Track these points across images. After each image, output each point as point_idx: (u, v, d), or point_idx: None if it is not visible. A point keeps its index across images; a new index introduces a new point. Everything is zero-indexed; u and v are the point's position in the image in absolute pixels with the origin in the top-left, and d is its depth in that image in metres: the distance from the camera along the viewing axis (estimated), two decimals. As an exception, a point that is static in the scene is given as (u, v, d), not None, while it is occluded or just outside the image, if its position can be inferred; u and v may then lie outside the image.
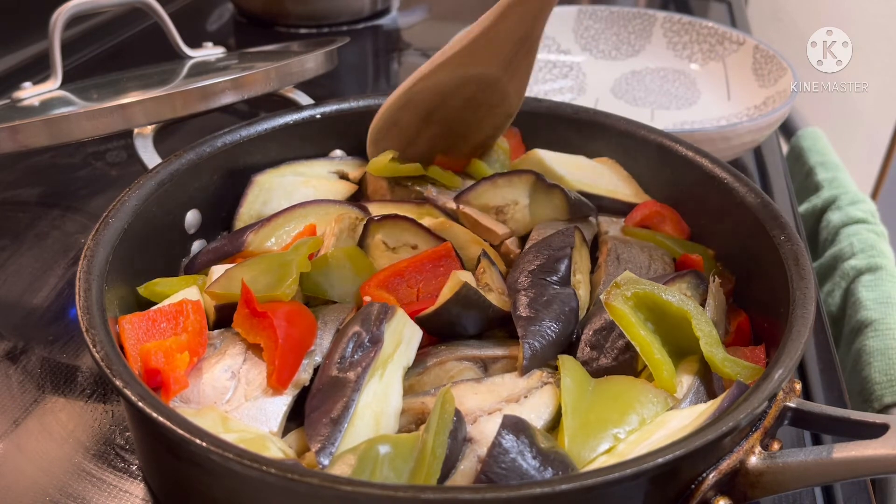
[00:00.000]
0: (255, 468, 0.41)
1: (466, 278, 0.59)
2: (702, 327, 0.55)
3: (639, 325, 0.56)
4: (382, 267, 0.65)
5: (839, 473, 0.47)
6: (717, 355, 0.55)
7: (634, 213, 0.74)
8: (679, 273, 0.64)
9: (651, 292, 0.57)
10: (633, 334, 0.56)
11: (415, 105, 0.75)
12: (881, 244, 1.04)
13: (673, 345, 0.57)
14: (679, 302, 0.56)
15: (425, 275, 0.64)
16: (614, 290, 0.57)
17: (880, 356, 0.89)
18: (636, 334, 0.56)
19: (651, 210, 0.74)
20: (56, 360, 0.69)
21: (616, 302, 0.57)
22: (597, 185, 0.76)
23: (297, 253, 0.62)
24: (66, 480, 0.58)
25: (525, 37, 0.70)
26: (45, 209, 0.91)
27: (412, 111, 0.75)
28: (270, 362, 0.54)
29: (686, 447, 0.44)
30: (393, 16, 1.54)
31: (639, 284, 0.57)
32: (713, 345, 0.55)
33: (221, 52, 1.01)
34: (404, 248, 0.68)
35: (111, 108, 0.76)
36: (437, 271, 0.64)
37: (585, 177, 0.77)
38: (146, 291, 0.62)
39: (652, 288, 0.57)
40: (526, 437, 0.47)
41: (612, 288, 0.58)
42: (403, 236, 0.68)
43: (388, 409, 0.53)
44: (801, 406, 0.51)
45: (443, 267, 0.64)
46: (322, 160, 0.81)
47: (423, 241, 0.68)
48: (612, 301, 0.57)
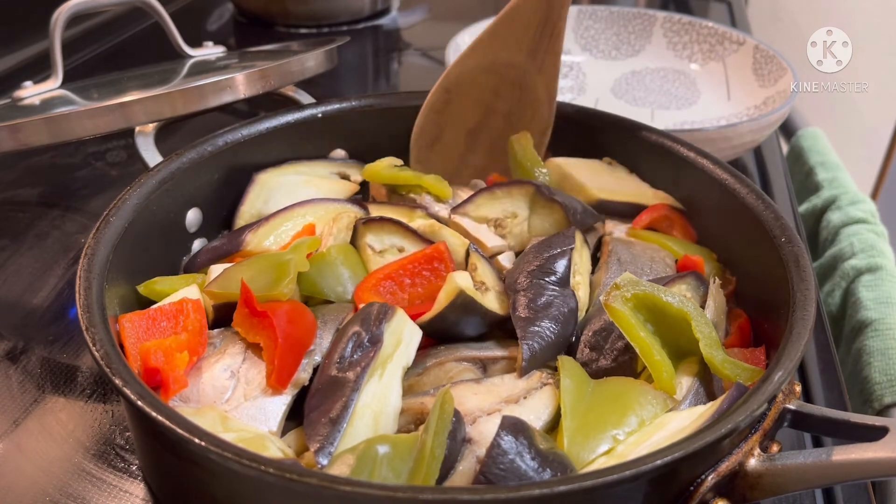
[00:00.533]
0: (253, 468, 0.41)
1: (464, 281, 0.58)
2: (702, 329, 0.55)
3: (638, 327, 0.56)
4: (372, 270, 0.65)
5: (838, 476, 0.47)
6: (717, 357, 0.55)
7: (643, 216, 0.74)
8: (679, 274, 0.64)
9: (651, 294, 0.57)
10: (632, 336, 0.56)
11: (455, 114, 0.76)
12: (881, 244, 1.04)
13: (673, 346, 0.57)
14: (679, 303, 0.56)
15: (420, 277, 0.64)
16: (614, 291, 0.57)
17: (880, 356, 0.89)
18: (636, 336, 0.56)
19: (660, 213, 0.74)
20: (56, 360, 0.69)
21: (616, 303, 0.57)
22: (618, 192, 0.75)
23: (295, 252, 0.62)
24: (66, 480, 0.58)
25: (546, 18, 0.72)
26: (45, 209, 0.91)
27: (453, 123, 0.76)
28: (270, 362, 0.54)
29: (685, 449, 0.44)
30: (393, 16, 1.54)
31: (639, 286, 0.57)
32: (713, 346, 0.55)
33: (222, 51, 1.01)
34: (391, 251, 0.67)
35: (111, 107, 0.76)
36: (432, 273, 0.64)
37: (606, 184, 0.76)
38: (146, 290, 0.62)
39: (652, 289, 0.57)
40: (525, 438, 0.47)
41: (611, 289, 0.58)
42: (390, 238, 0.68)
43: (387, 410, 0.53)
44: (801, 408, 0.51)
45: (437, 268, 0.64)
46: (324, 161, 0.81)
47: (410, 243, 0.67)
48: (612, 302, 0.57)
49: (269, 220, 0.69)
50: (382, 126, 0.81)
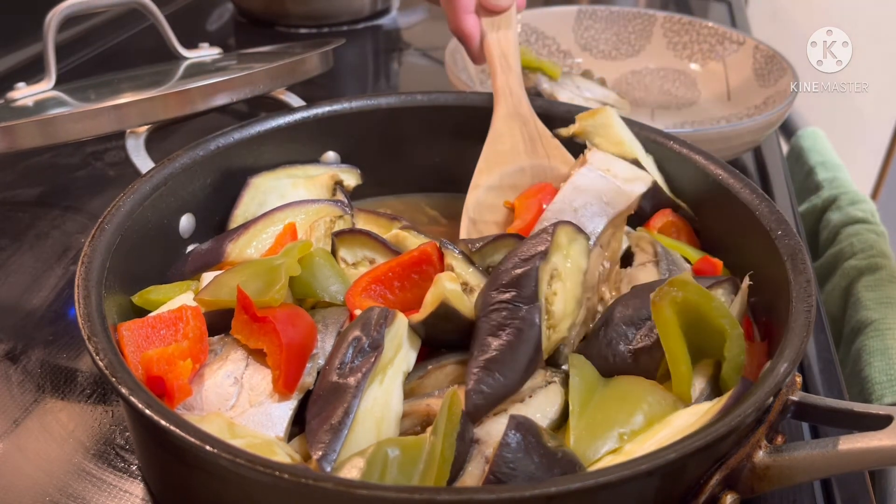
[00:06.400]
0: (268, 474, 0.41)
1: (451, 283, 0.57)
2: (733, 350, 0.53)
3: (679, 336, 0.53)
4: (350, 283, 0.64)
5: (845, 465, 0.48)
6: (732, 380, 0.54)
7: (654, 220, 0.73)
8: (718, 279, 0.62)
9: (700, 302, 0.54)
10: (671, 344, 0.54)
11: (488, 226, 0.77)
12: (881, 244, 1.04)
13: (694, 347, 0.55)
14: (723, 318, 0.54)
15: (409, 280, 0.63)
16: (667, 289, 0.54)
17: (880, 356, 0.89)
18: (675, 345, 0.54)
19: (668, 219, 0.73)
20: (56, 361, 0.69)
21: (665, 305, 0.54)
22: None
23: (285, 257, 0.61)
24: (66, 480, 0.58)
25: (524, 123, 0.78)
26: (45, 209, 0.91)
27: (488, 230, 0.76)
28: (276, 367, 0.54)
29: (697, 443, 0.44)
30: (393, 16, 1.54)
31: (692, 290, 0.54)
32: (735, 370, 0.54)
33: (217, 52, 1.01)
34: (363, 263, 0.67)
35: (104, 109, 0.75)
36: (421, 276, 0.62)
37: None
38: (140, 300, 0.62)
39: (704, 298, 0.54)
40: (533, 437, 0.47)
41: (666, 287, 0.55)
42: (362, 251, 0.68)
43: (388, 415, 0.52)
44: (804, 399, 0.51)
45: (426, 271, 0.62)
46: (318, 164, 0.80)
47: (380, 253, 0.67)
48: (661, 302, 0.54)
49: (248, 228, 0.68)
50: (375, 128, 0.82)
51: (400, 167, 0.85)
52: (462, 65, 1.06)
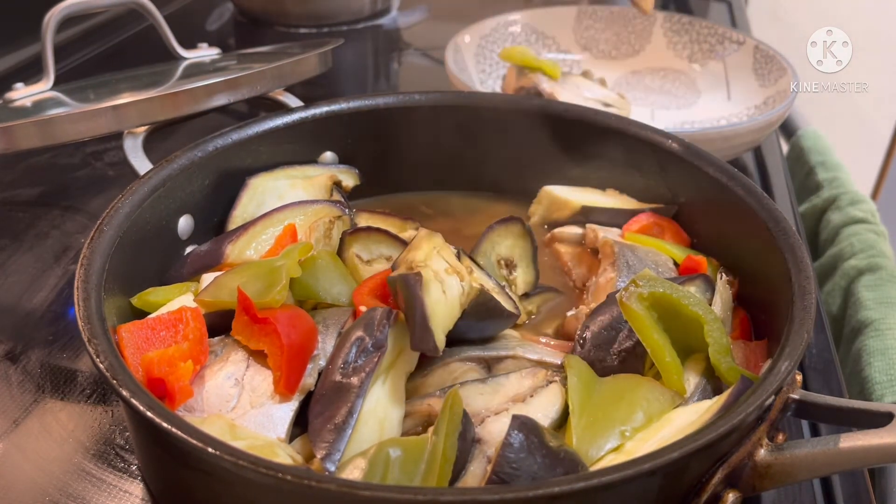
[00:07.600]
0: (270, 475, 0.41)
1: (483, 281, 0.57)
2: (713, 334, 0.55)
3: (653, 329, 0.55)
4: (361, 279, 0.64)
5: (846, 463, 0.48)
6: (723, 364, 0.55)
7: (632, 223, 0.74)
8: (690, 276, 0.64)
9: (668, 294, 0.56)
10: (646, 337, 0.55)
11: None
12: (881, 244, 1.04)
13: (680, 343, 0.56)
14: (694, 306, 0.56)
15: None
16: (632, 287, 0.56)
17: (880, 356, 0.89)
18: (650, 338, 0.55)
19: (649, 220, 0.74)
20: (55, 361, 0.69)
21: (632, 302, 0.56)
22: (600, 202, 0.77)
23: (286, 258, 0.61)
24: (66, 480, 0.58)
25: None
26: (45, 209, 0.91)
27: None
28: (277, 368, 0.54)
29: (700, 441, 0.44)
30: (393, 16, 1.54)
31: (657, 284, 0.56)
32: (721, 353, 0.55)
33: (216, 53, 1.01)
34: (379, 260, 0.67)
35: (103, 110, 0.75)
36: None
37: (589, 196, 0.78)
38: (140, 302, 0.62)
39: (670, 290, 0.56)
40: (535, 437, 0.47)
41: (629, 286, 0.57)
42: (378, 248, 0.68)
43: (391, 415, 0.52)
44: (805, 397, 0.51)
45: None
46: (315, 166, 0.80)
47: (398, 252, 0.67)
48: (629, 301, 0.56)
49: (247, 230, 0.68)
50: (374, 128, 0.81)
51: (398, 167, 0.85)
52: (462, 65, 1.06)
